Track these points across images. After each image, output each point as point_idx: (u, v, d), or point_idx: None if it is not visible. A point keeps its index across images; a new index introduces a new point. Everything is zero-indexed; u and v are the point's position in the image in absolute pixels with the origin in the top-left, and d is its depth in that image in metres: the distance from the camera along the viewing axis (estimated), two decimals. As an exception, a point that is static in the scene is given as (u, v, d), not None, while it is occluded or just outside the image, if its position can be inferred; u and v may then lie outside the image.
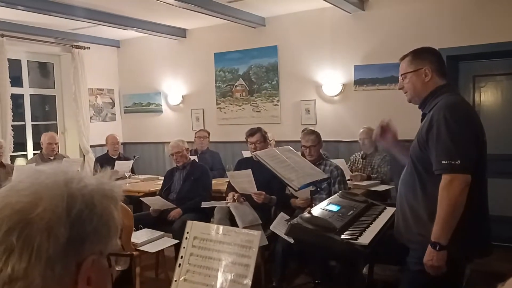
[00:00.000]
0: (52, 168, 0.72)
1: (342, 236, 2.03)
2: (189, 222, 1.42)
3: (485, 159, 2.02)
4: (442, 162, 1.89)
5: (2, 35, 5.62)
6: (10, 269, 0.62)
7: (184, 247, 1.35)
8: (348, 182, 3.98)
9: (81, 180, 0.71)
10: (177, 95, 6.80)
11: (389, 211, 2.58)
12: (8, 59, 5.72)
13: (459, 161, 1.86)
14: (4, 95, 5.63)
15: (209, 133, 5.93)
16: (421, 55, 2.11)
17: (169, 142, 4.76)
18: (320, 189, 2.66)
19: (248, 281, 1.20)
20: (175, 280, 1.31)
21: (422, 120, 2.15)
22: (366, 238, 2.04)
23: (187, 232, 1.36)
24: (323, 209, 2.36)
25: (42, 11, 4.96)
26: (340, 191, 2.86)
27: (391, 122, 2.36)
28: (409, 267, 2.05)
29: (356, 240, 2.00)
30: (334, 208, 2.39)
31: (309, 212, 2.27)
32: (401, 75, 2.17)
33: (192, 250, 1.31)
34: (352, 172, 4.55)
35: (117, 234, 0.73)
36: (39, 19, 5.43)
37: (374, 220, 2.38)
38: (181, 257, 1.34)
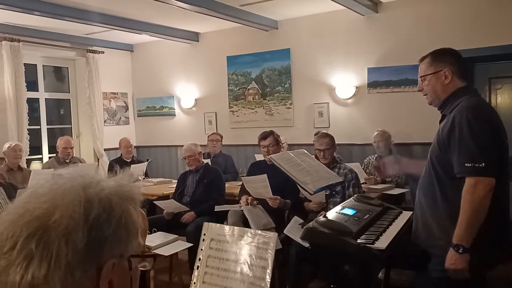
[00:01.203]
0: (70, 172, 0.72)
1: (359, 240, 2.01)
2: (205, 224, 1.42)
3: (508, 162, 1.98)
4: (466, 164, 1.85)
5: (18, 40, 5.70)
6: (30, 276, 0.62)
7: (201, 249, 1.35)
8: (362, 185, 3.94)
9: (99, 183, 0.71)
10: (190, 99, 6.83)
11: (405, 215, 2.54)
12: (24, 63, 5.80)
13: (483, 164, 1.82)
14: (20, 99, 5.71)
15: (221, 137, 5.94)
16: (441, 56, 2.08)
17: (182, 146, 4.77)
18: (335, 192, 2.63)
19: (266, 284, 1.19)
20: (194, 283, 1.30)
21: (441, 121, 2.11)
22: (383, 243, 2.01)
23: (204, 234, 1.35)
24: (339, 213, 2.34)
25: (57, 16, 5.02)
26: (355, 195, 2.83)
27: (384, 162, 2.39)
28: (430, 273, 2.01)
29: (373, 244, 1.98)
30: (350, 212, 2.37)
31: (324, 216, 2.25)
32: (421, 77, 2.14)
33: (209, 252, 1.31)
34: (366, 175, 4.51)
35: (137, 236, 0.73)
36: (54, 24, 5.51)
37: (391, 224, 2.35)
38: (199, 259, 1.34)
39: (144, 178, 5.48)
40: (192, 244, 3.74)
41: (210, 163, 5.08)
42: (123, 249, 0.70)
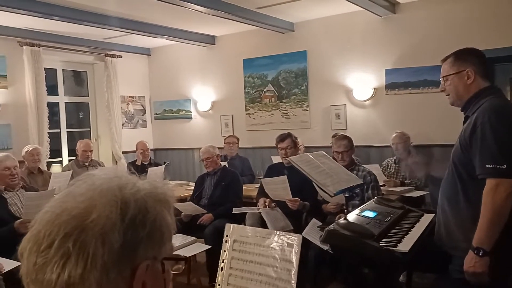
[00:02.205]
0: (107, 173, 0.72)
1: (381, 243, 1.99)
2: (227, 225, 1.41)
3: None
4: (487, 166, 1.82)
5: (39, 45, 5.81)
6: (66, 275, 0.63)
7: (224, 251, 1.34)
8: (381, 188, 3.90)
9: (135, 185, 0.71)
10: (207, 102, 6.86)
11: (427, 218, 2.51)
12: (44, 68, 5.90)
13: (505, 165, 1.79)
14: (41, 103, 5.81)
15: (238, 139, 5.94)
16: (464, 56, 2.05)
17: (198, 148, 4.79)
18: (355, 194, 2.61)
19: (292, 286, 1.18)
20: (218, 285, 1.30)
21: (464, 122, 2.08)
22: (405, 245, 1.98)
23: (227, 235, 1.34)
24: (359, 215, 2.32)
25: (77, 21, 5.10)
26: (375, 197, 2.80)
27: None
28: (451, 275, 1.98)
29: (396, 247, 1.95)
30: (371, 214, 2.34)
31: (345, 218, 2.23)
32: (443, 77, 2.11)
33: (233, 254, 1.30)
34: (385, 177, 4.46)
35: (170, 239, 0.73)
36: (74, 29, 5.60)
37: (412, 226, 2.32)
38: (223, 261, 1.33)
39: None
40: (210, 246, 3.75)
41: (226, 166, 5.09)
42: (157, 252, 0.70)
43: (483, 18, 4.70)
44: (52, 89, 6.26)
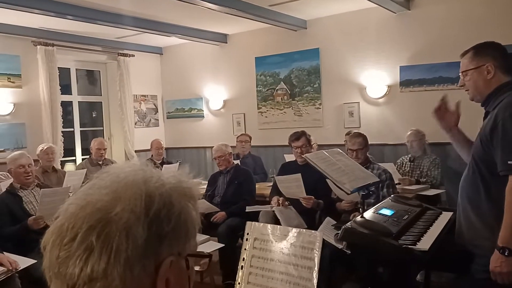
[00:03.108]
0: (132, 166, 0.71)
1: (400, 241, 1.95)
2: (248, 223, 1.39)
3: None
4: (509, 162, 1.78)
5: (53, 45, 5.85)
6: (89, 269, 0.61)
7: (245, 249, 1.32)
8: (396, 186, 3.85)
9: (160, 178, 0.69)
10: (219, 100, 6.85)
11: (446, 216, 2.46)
12: (58, 67, 5.94)
13: None
14: (55, 102, 5.86)
15: (250, 138, 5.92)
16: (484, 50, 2.00)
17: (211, 147, 4.79)
18: (372, 192, 2.57)
19: (313, 285, 1.15)
20: (239, 283, 1.28)
21: (484, 118, 2.03)
22: (425, 244, 1.94)
23: (247, 234, 1.32)
24: (376, 214, 2.28)
25: (90, 20, 5.13)
26: (392, 195, 2.76)
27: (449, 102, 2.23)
28: (474, 275, 1.94)
29: (415, 246, 1.91)
30: (388, 212, 2.30)
31: (362, 216, 2.19)
32: (462, 72, 2.06)
33: (253, 252, 1.28)
34: (400, 176, 4.41)
35: (195, 235, 0.71)
36: (87, 28, 5.63)
37: (431, 224, 2.27)
38: (243, 259, 1.31)
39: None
40: (223, 245, 3.74)
41: (239, 164, 5.07)
42: (181, 248, 0.68)
43: (501, 12, 4.61)
44: (65, 88, 6.30)
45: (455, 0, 4.87)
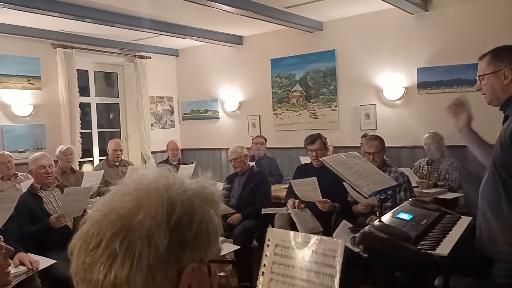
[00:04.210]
0: (154, 173, 0.71)
1: (418, 246, 1.93)
2: (269, 229, 1.39)
3: None
4: None
5: (71, 47, 5.94)
6: (113, 276, 0.62)
7: (266, 255, 1.32)
8: (414, 189, 3.81)
9: (182, 185, 0.70)
10: (234, 102, 6.88)
11: (465, 220, 2.43)
12: (76, 69, 6.03)
13: None
14: (73, 104, 5.95)
15: (265, 139, 5.92)
16: (502, 55, 1.97)
17: (226, 148, 4.81)
18: (390, 196, 2.55)
19: (334, 293, 1.15)
20: (259, 289, 1.28)
21: (504, 122, 2.00)
22: (444, 249, 1.92)
23: (269, 240, 1.32)
24: (394, 218, 2.26)
25: (108, 23, 5.19)
26: (410, 199, 2.73)
27: (467, 101, 2.20)
28: (494, 279, 1.91)
29: (434, 251, 1.89)
30: (406, 216, 2.29)
31: (380, 220, 2.18)
32: (479, 76, 2.04)
33: (274, 258, 1.28)
34: (418, 179, 4.36)
35: (217, 241, 0.71)
36: (105, 30, 5.70)
37: (450, 229, 2.25)
38: (264, 265, 1.31)
39: (190, 181, 5.55)
40: (239, 247, 3.74)
41: (254, 166, 5.08)
42: (203, 254, 0.68)
43: (521, 14, 4.53)
44: (84, 90, 6.40)
45: (474, 2, 4.80)
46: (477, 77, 2.09)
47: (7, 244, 1.35)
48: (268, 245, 1.34)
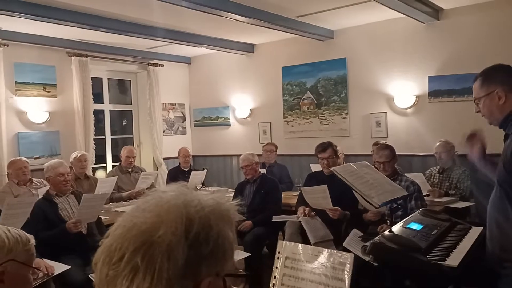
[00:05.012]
0: (174, 190, 0.75)
1: (428, 257, 1.94)
2: (280, 242, 1.43)
3: None
4: None
5: (86, 56, 6.06)
6: None
7: (276, 267, 1.35)
8: (425, 198, 3.80)
9: (199, 202, 0.73)
10: (245, 109, 6.93)
11: (475, 231, 2.43)
12: (91, 77, 6.14)
13: None
14: (88, 110, 6.05)
15: (276, 147, 5.95)
16: (491, 76, 1.95)
17: (237, 155, 4.85)
18: (400, 206, 2.56)
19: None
20: (270, 301, 1.31)
21: (505, 140, 2.00)
22: (454, 260, 1.93)
23: (279, 252, 1.36)
24: (405, 228, 2.28)
25: (122, 32, 5.29)
26: (420, 209, 2.74)
27: (481, 132, 2.19)
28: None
29: (444, 262, 1.90)
30: (416, 226, 2.30)
31: (390, 231, 2.20)
32: (474, 99, 2.04)
33: (284, 271, 1.31)
34: (430, 187, 4.35)
35: (232, 256, 0.74)
36: (119, 39, 5.81)
37: (461, 240, 2.26)
38: (274, 277, 1.35)
39: (201, 187, 5.60)
40: (250, 254, 3.77)
41: (265, 173, 5.11)
42: (219, 268, 0.72)
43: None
44: (97, 97, 6.50)
45: (485, 11, 4.80)
46: (473, 101, 2.09)
47: None
48: (278, 258, 1.37)
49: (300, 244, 1.41)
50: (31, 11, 4.40)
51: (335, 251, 1.38)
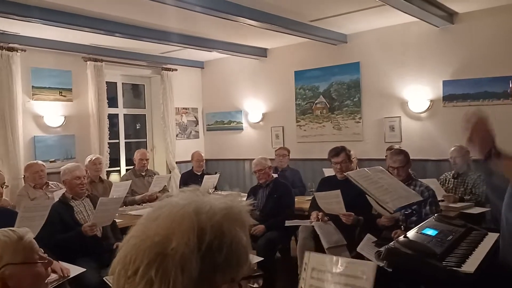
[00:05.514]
0: (185, 198, 0.74)
1: (444, 263, 1.93)
2: (306, 253, 1.43)
3: None
4: None
5: (101, 60, 6.14)
6: None
7: (303, 278, 1.36)
8: (439, 203, 3.76)
9: (211, 207, 0.72)
10: (258, 113, 6.95)
11: (491, 237, 2.40)
12: (105, 82, 6.22)
13: None
14: (102, 115, 6.13)
15: (289, 151, 5.94)
16: None
17: (249, 159, 4.86)
18: (415, 211, 2.54)
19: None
20: (297, 312, 1.32)
21: None
22: (470, 266, 1.91)
23: (305, 263, 1.36)
24: (420, 233, 2.26)
25: (136, 37, 5.36)
26: (435, 214, 2.72)
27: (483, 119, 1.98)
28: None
29: (460, 268, 1.89)
30: (431, 232, 2.28)
31: (405, 236, 2.18)
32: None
33: (311, 282, 1.31)
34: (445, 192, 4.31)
35: (247, 259, 0.73)
36: (133, 44, 5.88)
37: (477, 246, 2.23)
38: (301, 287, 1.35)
39: (214, 191, 5.62)
40: (262, 258, 3.77)
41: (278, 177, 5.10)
42: (234, 274, 0.71)
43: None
44: (112, 101, 6.57)
45: (500, 15, 4.76)
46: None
47: None
48: (304, 269, 1.37)
49: (326, 255, 1.42)
50: (48, 17, 4.48)
51: (358, 261, 1.37)
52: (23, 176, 4.95)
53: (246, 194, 4.80)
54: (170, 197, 0.76)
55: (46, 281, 1.41)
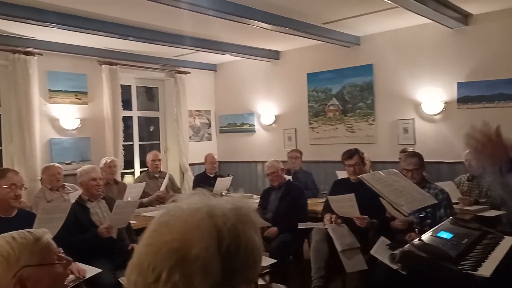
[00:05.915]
0: (196, 202, 0.74)
1: (459, 266, 1.92)
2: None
3: None
4: None
5: (116, 64, 6.22)
6: None
7: None
8: (454, 206, 3.73)
9: (223, 210, 0.73)
10: (270, 115, 6.96)
11: (508, 240, 2.38)
12: (120, 85, 6.29)
13: None
14: (117, 117, 6.20)
15: (301, 153, 5.94)
16: None
17: (262, 161, 4.87)
18: (430, 214, 2.53)
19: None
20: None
21: None
22: (487, 269, 1.90)
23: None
24: (434, 236, 2.25)
25: (150, 40, 5.42)
26: (450, 217, 2.70)
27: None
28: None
29: (476, 271, 1.88)
30: (446, 235, 2.27)
31: (420, 239, 2.18)
32: None
33: None
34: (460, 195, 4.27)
35: (261, 259, 0.75)
36: (147, 48, 5.94)
37: (493, 249, 2.21)
38: None
39: (227, 193, 5.63)
40: (276, 261, 3.77)
41: (291, 180, 5.11)
42: (251, 275, 0.73)
43: None
44: (126, 104, 6.65)
45: (517, 15, 4.71)
46: None
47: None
48: None
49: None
50: (64, 21, 4.56)
51: None
52: (40, 178, 5.03)
53: (259, 196, 4.82)
54: (177, 201, 0.76)
55: (66, 283, 1.41)
